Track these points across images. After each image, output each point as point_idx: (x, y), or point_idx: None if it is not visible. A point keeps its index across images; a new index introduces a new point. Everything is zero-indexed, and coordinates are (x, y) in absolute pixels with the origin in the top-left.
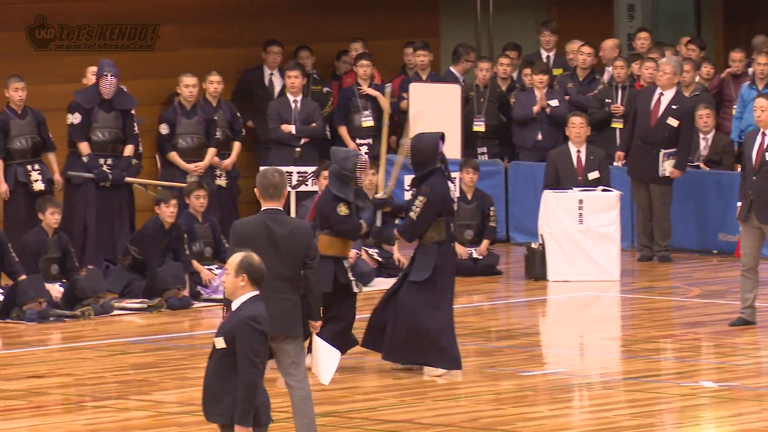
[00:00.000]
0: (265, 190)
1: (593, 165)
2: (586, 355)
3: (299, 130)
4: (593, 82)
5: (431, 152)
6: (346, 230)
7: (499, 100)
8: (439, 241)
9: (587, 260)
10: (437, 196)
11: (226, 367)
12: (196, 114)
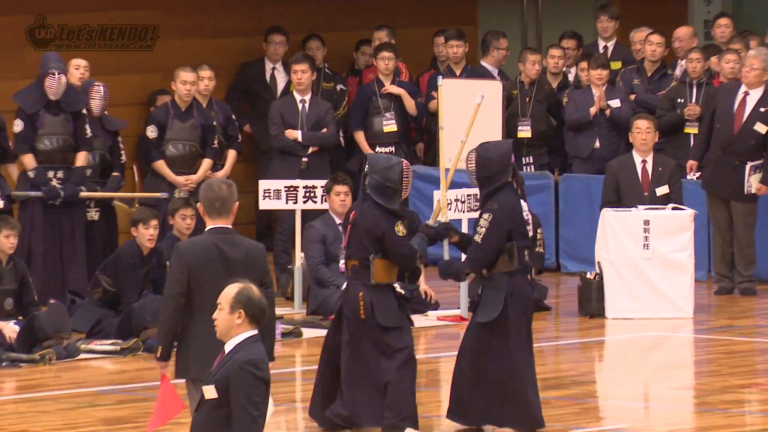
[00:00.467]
0: (211, 205)
1: (662, 178)
2: (651, 408)
3: (307, 136)
4: (664, 78)
5: (503, 163)
6: (406, 256)
7: (548, 100)
8: (510, 271)
9: (654, 293)
10: (506, 213)
11: (218, 422)
12: (192, 117)
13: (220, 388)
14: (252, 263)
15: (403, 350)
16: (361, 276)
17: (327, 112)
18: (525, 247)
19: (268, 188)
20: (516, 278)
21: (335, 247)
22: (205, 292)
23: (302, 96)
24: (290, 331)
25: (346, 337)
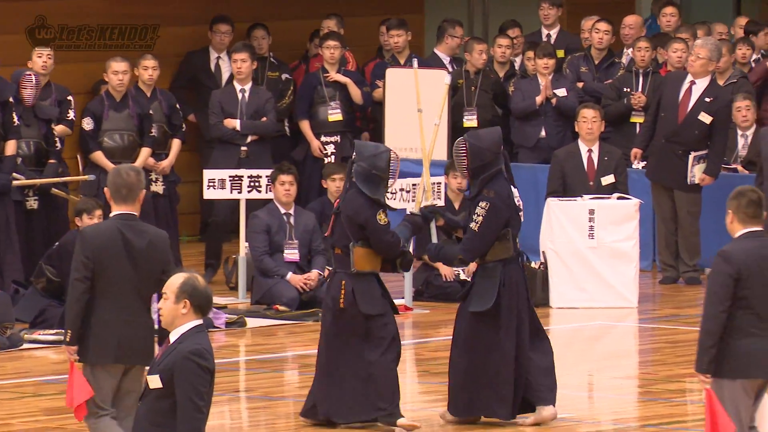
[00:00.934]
0: (117, 191)
1: (608, 168)
2: (596, 397)
3: (245, 125)
4: (612, 66)
5: (495, 151)
6: (389, 244)
7: (493, 89)
8: (505, 259)
9: (599, 283)
10: (503, 201)
11: (162, 412)
12: (127, 107)
13: (164, 378)
14: (154, 251)
15: (387, 338)
16: (343, 264)
17: (267, 102)
18: (516, 235)
19: (212, 178)
20: (510, 267)
21: (280, 236)
22: (106, 278)
23: (242, 85)
24: (234, 321)
25: (324, 327)
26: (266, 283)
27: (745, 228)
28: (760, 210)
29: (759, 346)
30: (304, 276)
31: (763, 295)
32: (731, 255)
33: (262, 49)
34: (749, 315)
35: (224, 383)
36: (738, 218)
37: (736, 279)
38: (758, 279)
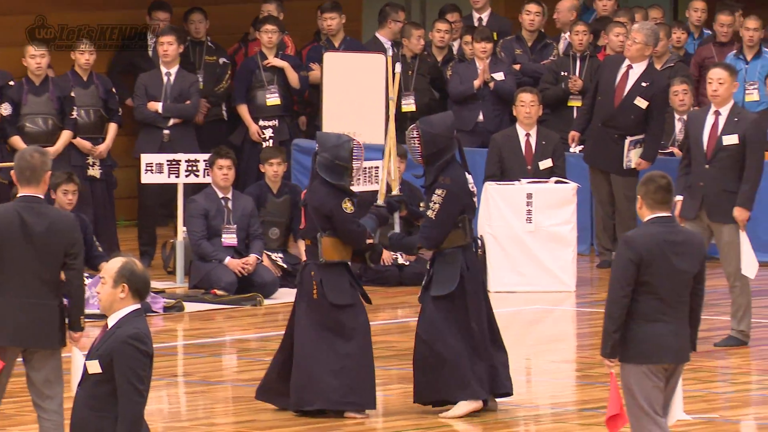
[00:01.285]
0: (22, 173)
1: (545, 152)
2: (534, 381)
3: (167, 108)
4: (546, 48)
5: (448, 137)
6: (355, 233)
7: (431, 73)
8: (464, 245)
9: (537, 267)
10: (459, 187)
11: (102, 397)
12: (47, 90)
13: (103, 363)
14: (55, 234)
15: (357, 328)
16: (313, 255)
17: (192, 85)
18: (471, 220)
19: (150, 162)
20: (468, 252)
21: (218, 221)
22: (5, 260)
23: (168, 68)
24: (172, 305)
25: (298, 318)
26: (204, 267)
27: (653, 213)
28: (670, 196)
29: (662, 331)
30: (242, 260)
31: (667, 281)
32: (633, 240)
33: (200, 33)
34: (653, 300)
35: (162, 368)
36: (646, 204)
37: (637, 264)
38: (662, 264)
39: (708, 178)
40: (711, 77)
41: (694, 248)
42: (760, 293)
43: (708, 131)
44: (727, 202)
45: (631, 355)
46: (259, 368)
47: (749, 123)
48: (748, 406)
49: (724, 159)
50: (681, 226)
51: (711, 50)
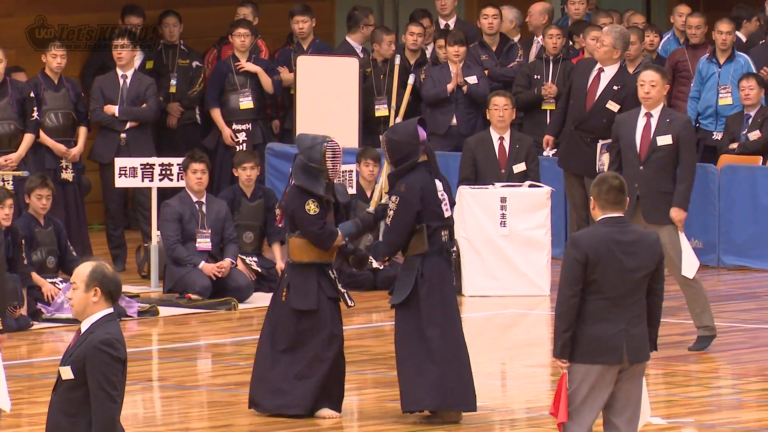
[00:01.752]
0: None
1: (519, 155)
2: (509, 386)
3: (123, 111)
4: (511, 50)
5: (411, 143)
6: (317, 235)
7: (402, 77)
8: (422, 253)
9: (511, 271)
10: (414, 195)
11: (75, 403)
12: (6, 94)
13: (75, 368)
14: None
15: (321, 335)
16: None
17: (148, 88)
18: (441, 228)
19: (123, 166)
20: (430, 259)
21: (192, 225)
22: None
23: (124, 71)
24: (147, 310)
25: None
26: (178, 271)
27: (605, 214)
28: (622, 196)
29: (609, 331)
30: (217, 264)
31: (616, 280)
32: (579, 240)
33: (174, 36)
34: (600, 300)
35: (137, 372)
36: (599, 204)
37: (583, 264)
38: (609, 264)
39: (643, 179)
40: (643, 80)
41: (646, 248)
42: (731, 297)
43: (641, 133)
44: (663, 204)
45: (578, 354)
46: (234, 372)
47: (682, 124)
48: (723, 411)
49: (658, 160)
50: (634, 226)
51: (684, 53)
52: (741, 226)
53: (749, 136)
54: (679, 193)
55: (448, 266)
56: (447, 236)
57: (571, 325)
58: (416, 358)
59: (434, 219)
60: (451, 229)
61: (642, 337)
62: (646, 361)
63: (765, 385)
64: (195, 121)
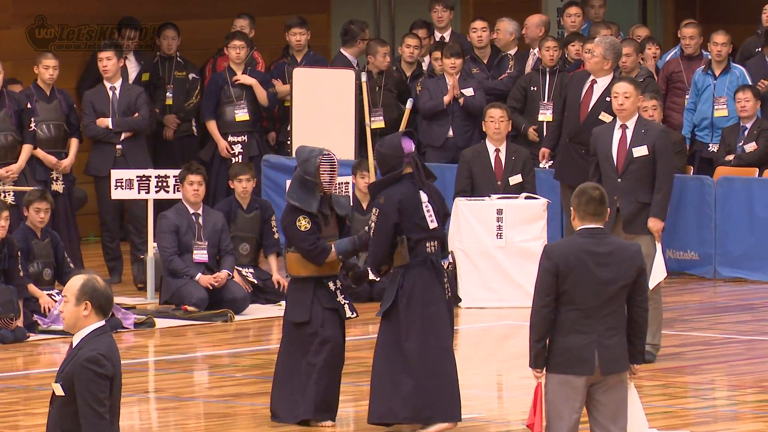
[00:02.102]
0: None
1: (515, 167)
2: (505, 397)
3: (117, 122)
4: (502, 62)
5: (396, 156)
6: (308, 251)
7: (398, 88)
8: (404, 265)
9: (508, 282)
10: (392, 207)
11: (69, 418)
12: (4, 105)
13: (65, 385)
14: None
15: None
16: None
17: (138, 97)
18: (425, 239)
19: (120, 178)
20: (411, 272)
21: (188, 237)
22: None
23: (111, 83)
24: (143, 321)
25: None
26: (175, 283)
27: (583, 225)
28: (601, 207)
29: (580, 342)
30: (213, 276)
31: (588, 292)
32: (551, 250)
33: (171, 49)
34: (572, 311)
35: (133, 384)
36: (578, 215)
37: (554, 274)
38: (581, 274)
39: (621, 191)
40: (617, 91)
41: (622, 260)
42: (728, 309)
43: (617, 145)
44: (642, 214)
45: (551, 365)
46: (230, 384)
47: (658, 133)
48: (719, 422)
49: (635, 171)
50: (613, 238)
51: (678, 64)
52: (737, 238)
53: (745, 148)
54: (656, 203)
55: (434, 278)
56: (434, 247)
57: (544, 335)
58: (392, 370)
59: (416, 231)
60: (439, 241)
61: (617, 349)
62: (624, 372)
63: (761, 397)
64: (191, 133)
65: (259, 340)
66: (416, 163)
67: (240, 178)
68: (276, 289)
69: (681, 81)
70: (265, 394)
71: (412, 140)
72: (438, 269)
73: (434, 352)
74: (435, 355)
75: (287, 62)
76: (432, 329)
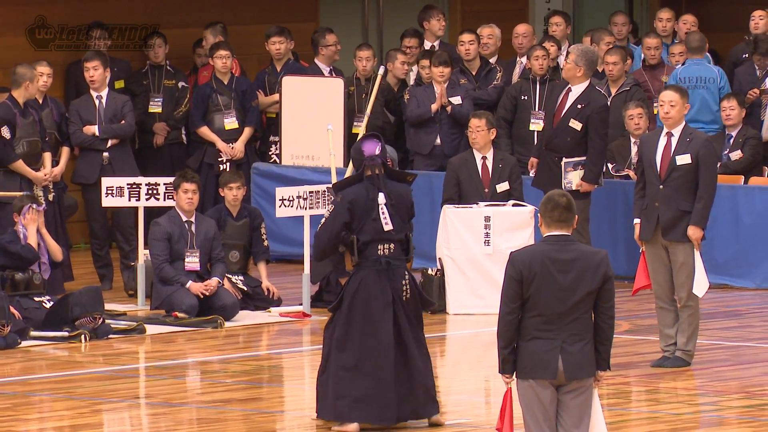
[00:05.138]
0: None
1: (503, 175)
2: (493, 403)
3: (104, 130)
4: (490, 72)
5: (358, 158)
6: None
7: (385, 95)
8: (355, 266)
9: (495, 289)
10: (344, 206)
11: None
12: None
13: None
14: None
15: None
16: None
17: (124, 105)
18: (377, 241)
19: (110, 185)
20: (360, 272)
21: (181, 245)
22: None
23: (98, 92)
24: (134, 328)
25: None
26: (165, 290)
27: (550, 231)
28: (567, 214)
29: (542, 347)
30: (204, 283)
31: (551, 298)
32: (516, 257)
33: (158, 57)
34: (536, 317)
35: (124, 389)
36: (545, 222)
37: (518, 281)
38: (544, 281)
39: (663, 198)
40: (663, 99)
41: (587, 267)
42: (714, 315)
43: (661, 152)
44: (682, 222)
45: (518, 370)
46: (220, 390)
47: (702, 143)
48: (705, 427)
49: (677, 179)
50: (578, 245)
51: (642, 74)
52: (723, 245)
53: (731, 156)
54: (697, 212)
55: (382, 279)
56: (388, 249)
57: (510, 341)
58: (326, 369)
59: (368, 232)
60: (396, 243)
61: (581, 355)
62: (588, 378)
63: (746, 402)
64: (181, 140)
65: (249, 347)
66: (377, 166)
67: (230, 186)
68: (265, 296)
69: (648, 90)
70: (255, 399)
71: (379, 142)
72: (392, 271)
73: (371, 356)
74: (372, 359)
75: (268, 72)
76: (372, 332)
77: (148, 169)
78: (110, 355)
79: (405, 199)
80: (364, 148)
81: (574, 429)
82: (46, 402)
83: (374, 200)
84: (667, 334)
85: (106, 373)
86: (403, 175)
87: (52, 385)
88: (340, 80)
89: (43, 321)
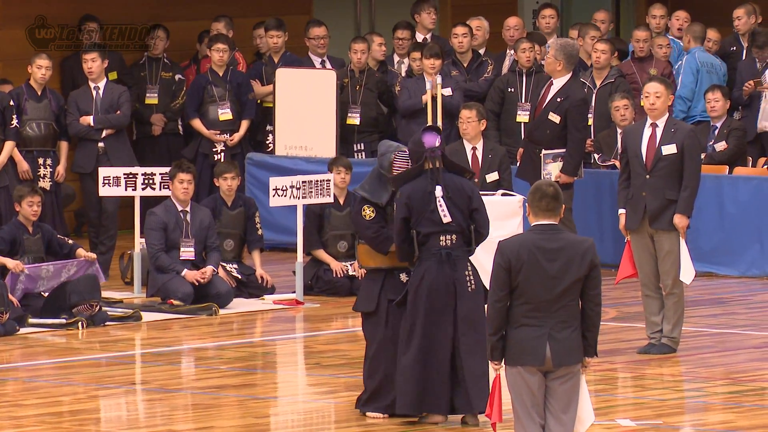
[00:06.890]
0: None
1: (492, 165)
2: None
3: (98, 120)
4: (481, 66)
5: (417, 151)
6: (371, 238)
7: (378, 87)
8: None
9: (484, 278)
10: (402, 203)
11: None
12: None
13: None
14: None
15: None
16: None
17: (121, 96)
18: (438, 233)
19: (107, 176)
20: (421, 265)
21: (176, 234)
22: None
23: (96, 83)
24: (130, 315)
25: None
26: (161, 278)
27: (537, 221)
28: (555, 203)
29: (530, 334)
30: (200, 271)
31: (538, 286)
32: (504, 246)
33: (158, 49)
34: (523, 305)
35: (120, 376)
36: (532, 211)
37: (507, 269)
38: (532, 270)
39: (649, 188)
40: (648, 91)
41: (573, 255)
42: (699, 303)
43: (646, 143)
44: (668, 210)
45: (507, 357)
46: (215, 376)
47: (686, 133)
48: (690, 413)
49: (663, 168)
50: (565, 234)
51: (631, 66)
52: (708, 234)
53: (716, 147)
54: (683, 200)
55: (445, 271)
56: (450, 241)
57: (499, 328)
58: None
59: (428, 225)
60: (458, 234)
61: (569, 342)
62: (576, 364)
63: (731, 388)
64: (177, 131)
65: (243, 334)
66: (437, 158)
67: (225, 176)
68: (259, 284)
69: (635, 82)
70: (250, 385)
71: (438, 135)
72: (453, 263)
73: (437, 345)
74: (436, 348)
75: (265, 63)
76: (433, 322)
77: (145, 159)
78: (107, 341)
79: (463, 192)
80: (425, 140)
81: (562, 414)
82: (44, 388)
83: (431, 193)
84: (653, 321)
85: (102, 359)
86: (462, 170)
87: (50, 372)
88: (332, 72)
89: (41, 308)
